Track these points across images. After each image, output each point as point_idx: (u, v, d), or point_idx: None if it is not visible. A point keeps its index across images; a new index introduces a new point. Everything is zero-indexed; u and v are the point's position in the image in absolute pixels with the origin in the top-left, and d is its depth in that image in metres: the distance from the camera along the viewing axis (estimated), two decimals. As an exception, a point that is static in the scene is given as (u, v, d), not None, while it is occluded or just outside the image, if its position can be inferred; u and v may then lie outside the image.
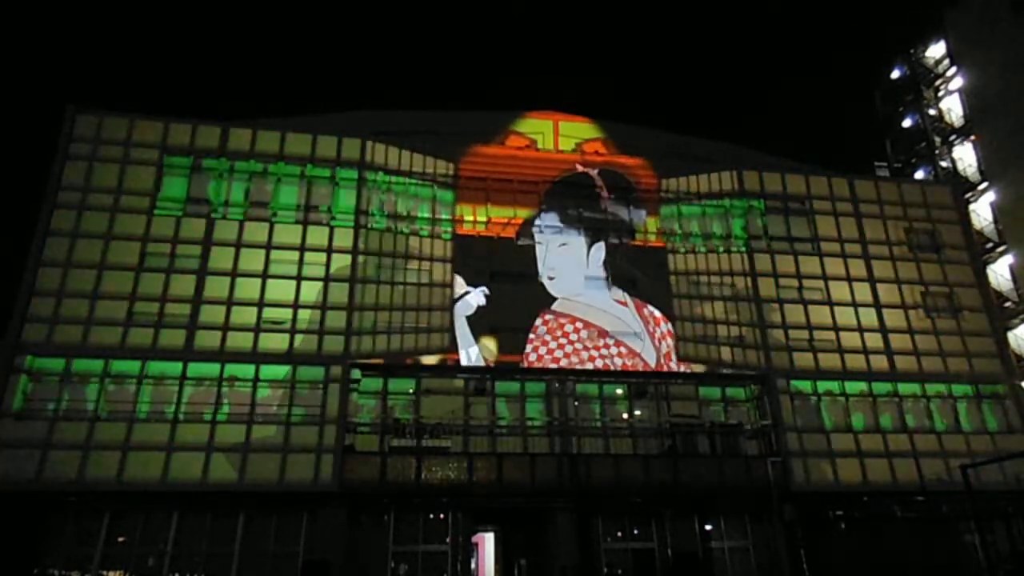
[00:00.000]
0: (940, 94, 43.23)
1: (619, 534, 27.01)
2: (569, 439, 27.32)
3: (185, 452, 24.28)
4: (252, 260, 27.79)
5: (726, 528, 27.65)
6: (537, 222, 31.86)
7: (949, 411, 30.50)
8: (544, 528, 26.53)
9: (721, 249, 32.29)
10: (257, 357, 26.16)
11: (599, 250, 32.07)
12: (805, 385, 29.65)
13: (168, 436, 24.43)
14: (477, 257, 30.41)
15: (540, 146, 33.35)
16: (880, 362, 30.80)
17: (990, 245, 37.61)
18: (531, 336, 29.73)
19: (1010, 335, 34.96)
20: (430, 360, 28.42)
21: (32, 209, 26.90)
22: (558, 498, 25.80)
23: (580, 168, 33.25)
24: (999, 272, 37.14)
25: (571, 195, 32.46)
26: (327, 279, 28.09)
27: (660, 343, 30.82)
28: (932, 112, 43.26)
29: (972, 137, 40.26)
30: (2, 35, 77.26)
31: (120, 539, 23.99)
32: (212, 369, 25.79)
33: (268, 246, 28.17)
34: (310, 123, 30.54)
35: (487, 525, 28.05)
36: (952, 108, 42.20)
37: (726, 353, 30.49)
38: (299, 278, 27.88)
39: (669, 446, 28.01)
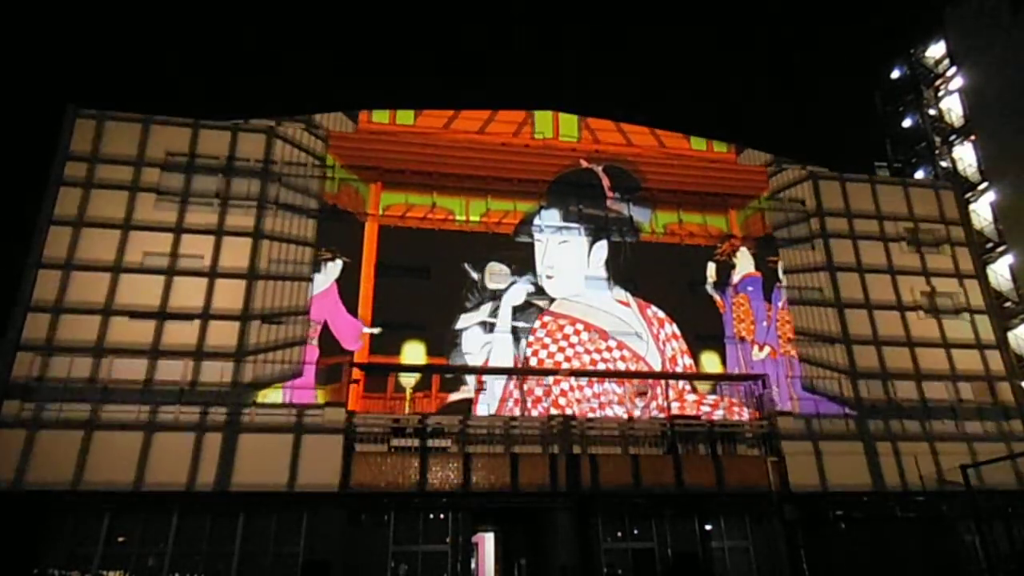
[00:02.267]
0: (940, 94, 43.15)
1: (619, 534, 26.93)
2: (569, 439, 27.22)
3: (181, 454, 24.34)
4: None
5: (726, 528, 27.59)
6: (536, 220, 31.61)
7: (949, 411, 30.48)
8: (544, 528, 26.45)
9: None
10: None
11: (601, 249, 31.80)
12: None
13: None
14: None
15: (538, 130, 33.28)
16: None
17: (990, 245, 37.58)
18: (531, 339, 29.48)
19: (1010, 335, 34.95)
20: (421, 361, 28.22)
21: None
22: (558, 498, 25.75)
23: (584, 164, 32.88)
24: (999, 272, 37.11)
25: (574, 192, 32.24)
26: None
27: (665, 345, 30.58)
28: (932, 112, 43.17)
29: (972, 137, 40.22)
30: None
31: (120, 539, 23.91)
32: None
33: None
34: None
35: (487, 525, 28.00)
36: (952, 108, 42.13)
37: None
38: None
39: (670, 447, 27.94)
